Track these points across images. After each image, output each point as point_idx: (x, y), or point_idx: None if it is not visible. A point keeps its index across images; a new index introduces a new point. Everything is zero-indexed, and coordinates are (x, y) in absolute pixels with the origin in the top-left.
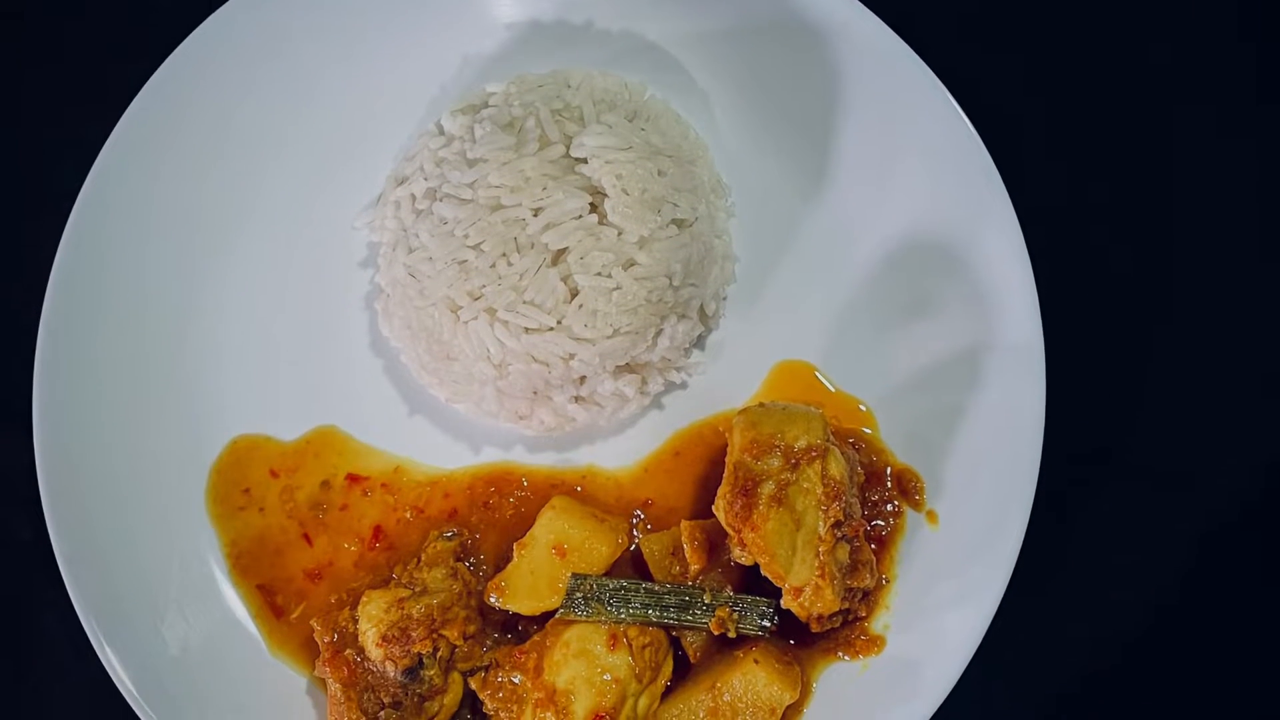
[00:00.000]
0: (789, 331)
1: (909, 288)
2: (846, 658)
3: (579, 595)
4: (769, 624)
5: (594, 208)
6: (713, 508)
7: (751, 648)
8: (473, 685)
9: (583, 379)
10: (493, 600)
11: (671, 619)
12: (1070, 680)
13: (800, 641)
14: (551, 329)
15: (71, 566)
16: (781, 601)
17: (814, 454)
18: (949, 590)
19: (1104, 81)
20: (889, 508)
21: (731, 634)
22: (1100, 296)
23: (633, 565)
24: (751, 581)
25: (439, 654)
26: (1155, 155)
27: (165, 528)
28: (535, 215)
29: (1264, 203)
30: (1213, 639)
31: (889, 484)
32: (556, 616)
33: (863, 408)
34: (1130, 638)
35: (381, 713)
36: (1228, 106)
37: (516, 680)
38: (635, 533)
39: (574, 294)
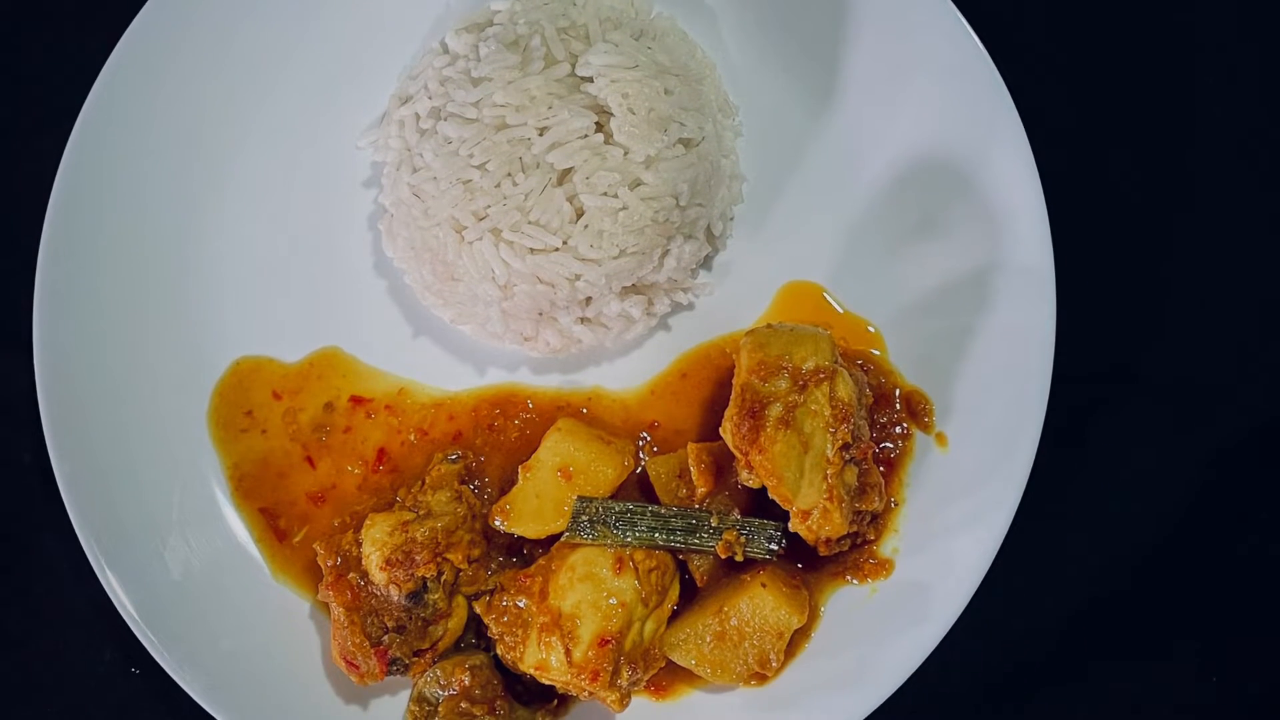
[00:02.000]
0: (797, 252)
1: (918, 207)
2: (855, 581)
3: (585, 518)
4: (776, 547)
5: (600, 127)
6: (720, 430)
7: (759, 571)
8: (477, 609)
9: (588, 300)
10: (497, 523)
11: (678, 542)
12: (1080, 602)
13: (808, 565)
14: (557, 249)
15: (72, 489)
16: (789, 525)
17: (822, 376)
18: (958, 513)
19: None
20: (898, 430)
21: (739, 557)
22: (1110, 215)
23: (639, 488)
24: (759, 504)
25: (443, 578)
26: (1168, 71)
27: (167, 450)
28: (540, 135)
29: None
30: (1224, 560)
31: (898, 406)
32: (562, 540)
33: (871, 329)
34: (1141, 559)
35: (385, 636)
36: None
37: (521, 604)
38: (641, 455)
39: (580, 214)
